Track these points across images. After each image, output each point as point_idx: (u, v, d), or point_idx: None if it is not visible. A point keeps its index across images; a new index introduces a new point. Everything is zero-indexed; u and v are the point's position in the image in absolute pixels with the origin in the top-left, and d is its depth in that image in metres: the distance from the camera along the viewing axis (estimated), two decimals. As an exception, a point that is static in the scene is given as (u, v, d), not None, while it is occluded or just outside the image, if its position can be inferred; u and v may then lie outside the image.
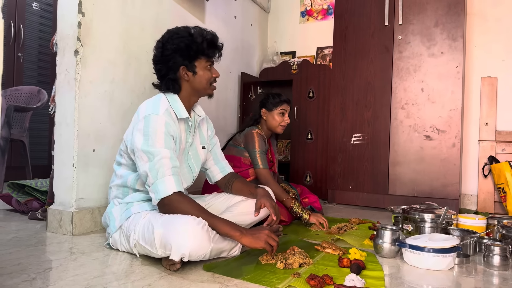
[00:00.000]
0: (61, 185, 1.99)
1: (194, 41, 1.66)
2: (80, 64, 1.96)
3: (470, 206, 3.19)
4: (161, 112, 1.60)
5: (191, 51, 1.66)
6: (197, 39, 1.66)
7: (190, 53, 1.66)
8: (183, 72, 1.69)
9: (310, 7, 3.98)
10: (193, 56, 1.67)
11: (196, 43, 1.66)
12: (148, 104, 1.67)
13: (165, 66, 1.69)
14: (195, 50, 1.66)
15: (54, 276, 1.36)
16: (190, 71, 1.69)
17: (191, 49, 1.65)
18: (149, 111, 1.61)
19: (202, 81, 1.72)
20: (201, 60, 1.69)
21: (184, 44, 1.65)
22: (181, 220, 1.40)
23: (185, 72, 1.69)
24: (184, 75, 1.69)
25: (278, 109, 2.48)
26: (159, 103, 1.65)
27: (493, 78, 3.15)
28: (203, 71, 1.71)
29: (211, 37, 1.71)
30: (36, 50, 4.22)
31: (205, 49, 1.68)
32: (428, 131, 2.88)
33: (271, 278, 1.37)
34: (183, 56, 1.66)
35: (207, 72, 1.72)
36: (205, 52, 1.68)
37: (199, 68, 1.70)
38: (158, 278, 1.37)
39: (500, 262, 1.59)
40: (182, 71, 1.68)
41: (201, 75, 1.71)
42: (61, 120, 1.99)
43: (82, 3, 1.95)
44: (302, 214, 2.25)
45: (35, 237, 1.89)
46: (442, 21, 2.86)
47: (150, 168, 1.52)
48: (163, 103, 1.65)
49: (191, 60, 1.68)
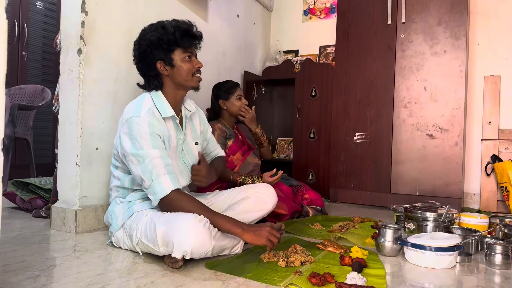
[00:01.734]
0: (65, 183, 2.01)
1: (166, 32, 1.62)
2: (84, 63, 1.97)
3: (473, 205, 3.18)
4: (142, 113, 1.58)
5: (164, 43, 1.63)
6: (169, 30, 1.62)
7: (163, 45, 1.63)
8: (161, 66, 1.66)
9: (313, 5, 3.97)
10: (168, 48, 1.64)
11: (167, 34, 1.62)
12: (131, 106, 1.65)
13: (144, 63, 1.68)
14: (167, 42, 1.63)
15: (58, 273, 1.38)
16: (168, 64, 1.66)
17: (163, 41, 1.62)
18: (130, 113, 1.59)
19: (182, 73, 1.68)
20: (177, 51, 1.66)
21: (156, 38, 1.62)
22: (182, 218, 1.41)
23: (162, 66, 1.66)
24: (163, 70, 1.67)
25: (234, 96, 2.60)
26: (141, 104, 1.63)
27: (496, 76, 3.14)
28: (182, 62, 1.67)
29: (185, 26, 1.66)
30: (40, 49, 4.23)
31: (178, 39, 1.64)
32: (431, 130, 2.87)
33: (273, 276, 1.38)
34: (158, 50, 1.64)
35: (186, 64, 1.68)
36: (179, 43, 1.65)
37: (177, 60, 1.67)
38: (160, 275, 1.38)
39: (502, 260, 1.59)
40: (160, 65, 1.66)
41: (180, 67, 1.67)
42: (64, 118, 2.01)
43: (85, 2, 1.96)
44: (254, 179, 2.28)
45: (39, 234, 1.90)
46: (445, 19, 2.85)
47: (143, 170, 1.52)
48: (146, 103, 1.64)
49: (167, 53, 1.65)
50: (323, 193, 3.33)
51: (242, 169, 2.52)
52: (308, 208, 2.56)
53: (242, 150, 2.59)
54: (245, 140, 2.70)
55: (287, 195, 2.45)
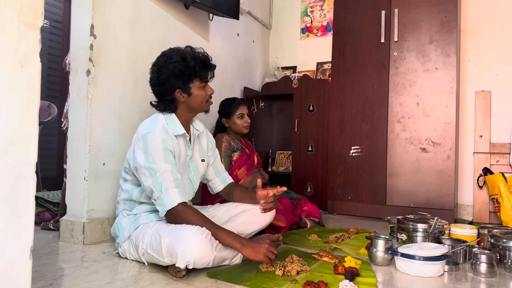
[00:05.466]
0: (73, 197, 2.11)
1: (187, 65, 1.74)
2: (92, 83, 2.09)
3: (466, 216, 3.27)
4: (157, 130, 1.71)
5: (185, 76, 1.75)
6: (190, 63, 1.75)
7: (184, 77, 1.76)
8: (178, 94, 1.79)
9: (310, 24, 4.12)
10: (187, 80, 1.77)
11: (189, 68, 1.75)
12: (146, 123, 1.78)
13: (162, 88, 1.79)
14: (189, 75, 1.76)
15: (69, 282, 1.47)
16: (186, 93, 1.79)
17: (185, 74, 1.75)
18: (146, 129, 1.72)
19: (198, 100, 1.82)
20: (195, 82, 1.79)
21: (178, 70, 1.74)
22: (186, 230, 1.51)
23: (180, 94, 1.79)
24: (180, 97, 1.79)
25: (236, 114, 2.68)
26: (156, 122, 1.76)
27: (486, 92, 3.26)
28: (198, 91, 1.81)
29: (204, 58, 1.80)
30: (45, 66, 4.37)
31: (198, 72, 1.77)
32: (424, 144, 2.98)
33: (270, 284, 1.47)
34: (178, 80, 1.75)
35: (202, 92, 1.82)
36: (198, 75, 1.78)
37: (194, 89, 1.80)
38: (165, 284, 1.48)
39: (487, 269, 1.68)
40: (178, 93, 1.78)
41: (196, 95, 1.81)
42: (73, 136, 2.12)
43: (94, 26, 2.08)
44: None
45: (48, 246, 2.00)
46: (436, 38, 2.98)
47: (154, 183, 1.63)
48: (160, 122, 1.76)
49: (186, 83, 1.77)
50: (321, 205, 3.43)
51: (249, 183, 2.62)
52: (306, 220, 2.65)
53: (247, 165, 2.69)
54: (253, 154, 2.80)
55: (287, 208, 2.54)
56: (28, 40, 0.70)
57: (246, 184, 2.60)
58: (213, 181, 2.08)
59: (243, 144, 2.77)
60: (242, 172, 2.65)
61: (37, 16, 0.70)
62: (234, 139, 2.70)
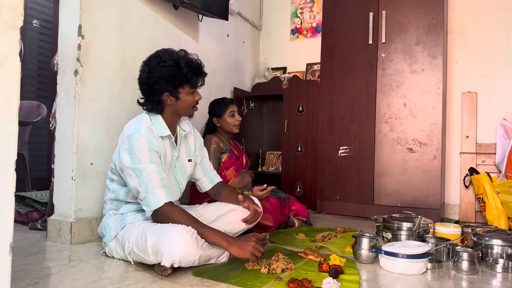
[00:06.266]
0: (61, 196, 2.12)
1: (180, 71, 1.74)
2: (80, 83, 2.09)
3: (453, 216, 3.32)
4: (142, 131, 1.71)
5: (176, 81, 1.75)
6: (183, 70, 1.74)
7: (175, 82, 1.76)
8: (166, 97, 1.79)
9: (300, 25, 4.15)
10: (178, 85, 1.77)
11: (182, 74, 1.75)
12: (131, 124, 1.78)
13: (150, 89, 1.78)
14: (180, 80, 1.76)
15: (55, 281, 1.48)
16: (174, 97, 1.79)
17: (177, 79, 1.75)
18: (131, 130, 1.72)
19: (184, 105, 1.83)
20: (186, 87, 1.80)
21: (170, 75, 1.73)
22: (171, 229, 1.52)
23: (168, 97, 1.79)
24: (167, 100, 1.80)
25: (227, 112, 2.69)
26: (140, 123, 1.76)
27: (473, 93, 3.31)
28: (186, 97, 1.81)
29: (196, 66, 1.80)
30: (35, 66, 4.36)
31: (190, 79, 1.77)
32: (411, 144, 3.02)
33: (255, 282, 1.49)
34: (168, 84, 1.75)
35: (190, 98, 1.82)
36: (189, 81, 1.78)
37: (183, 94, 1.80)
38: (150, 282, 1.49)
39: (469, 267, 1.71)
40: (166, 96, 1.78)
41: (184, 100, 1.81)
42: (61, 136, 2.13)
43: (81, 26, 2.09)
44: (245, 193, 2.41)
45: (36, 246, 2.00)
46: (423, 39, 3.02)
47: (140, 183, 1.65)
48: (144, 122, 1.76)
49: (176, 87, 1.77)
50: (310, 204, 3.46)
51: (237, 183, 2.64)
52: (294, 219, 2.68)
53: (236, 166, 2.71)
54: (241, 155, 2.82)
55: (275, 208, 2.56)
56: (8, 40, 0.71)
57: (235, 184, 2.62)
58: (201, 180, 2.10)
59: (232, 145, 2.78)
60: (230, 172, 2.66)
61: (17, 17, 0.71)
62: (223, 141, 2.71)
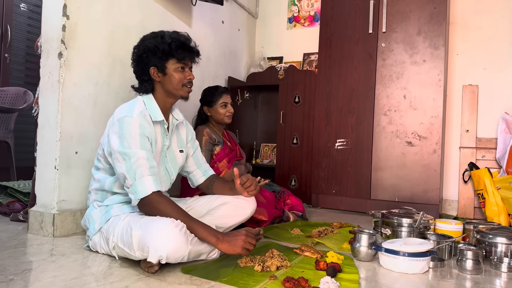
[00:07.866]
0: (43, 187, 2.00)
1: (163, 42, 1.69)
2: (64, 67, 1.97)
3: (451, 212, 3.24)
4: (135, 114, 1.63)
5: (159, 51, 1.69)
6: (166, 40, 1.69)
7: (158, 54, 1.69)
8: (154, 72, 1.72)
9: (298, 13, 4.03)
10: (162, 57, 1.70)
11: (164, 44, 1.69)
12: (123, 107, 1.70)
13: (139, 67, 1.74)
14: (163, 51, 1.69)
15: (32, 278, 1.37)
16: (160, 71, 1.72)
17: (159, 49, 1.69)
18: (123, 113, 1.64)
19: (173, 81, 1.73)
20: (171, 61, 1.72)
21: (153, 45, 1.69)
22: (159, 223, 1.42)
23: (155, 72, 1.72)
24: (155, 76, 1.73)
25: (219, 103, 2.58)
26: (134, 106, 1.68)
27: (474, 86, 3.22)
28: (175, 72, 1.73)
29: (183, 39, 1.73)
30: (23, 51, 4.20)
31: (173, 50, 1.70)
32: (410, 137, 2.93)
33: (247, 281, 1.39)
34: (153, 57, 1.70)
35: (178, 74, 1.74)
36: (173, 54, 1.71)
37: (170, 70, 1.73)
38: (136, 280, 1.39)
39: (473, 266, 1.63)
40: (153, 71, 1.72)
41: (171, 76, 1.73)
42: (44, 122, 2.00)
43: (67, 6, 1.96)
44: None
45: (16, 238, 1.89)
46: (425, 29, 2.92)
47: (127, 169, 1.54)
48: (138, 106, 1.69)
49: (161, 61, 1.71)
50: (305, 198, 3.36)
51: (229, 175, 2.52)
52: (289, 214, 2.58)
53: (229, 157, 2.59)
54: (235, 147, 2.71)
55: (269, 201, 2.47)
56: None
57: (227, 176, 2.51)
58: (194, 173, 2.00)
59: (225, 136, 2.67)
60: (223, 164, 2.55)
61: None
62: (215, 132, 2.59)
